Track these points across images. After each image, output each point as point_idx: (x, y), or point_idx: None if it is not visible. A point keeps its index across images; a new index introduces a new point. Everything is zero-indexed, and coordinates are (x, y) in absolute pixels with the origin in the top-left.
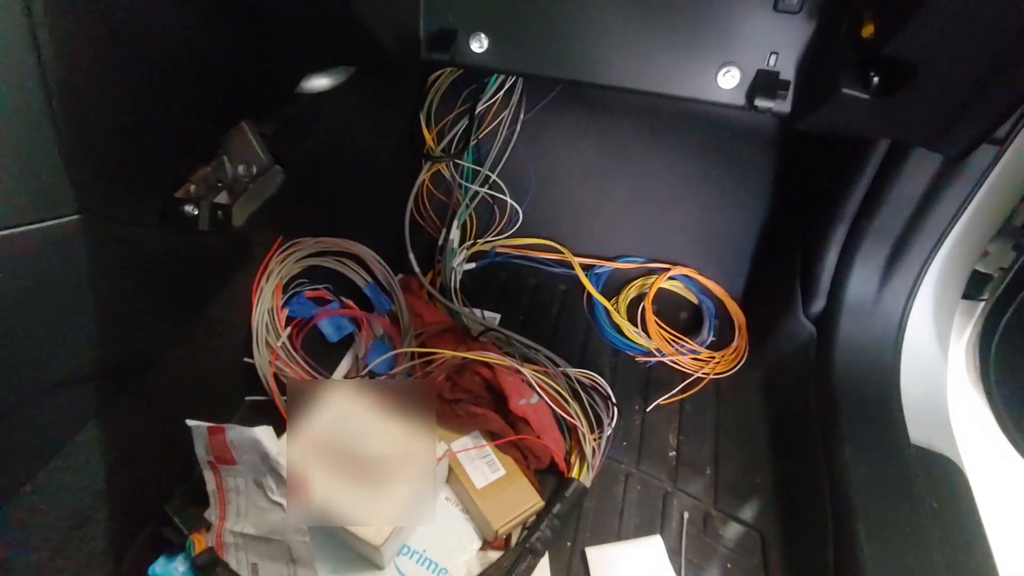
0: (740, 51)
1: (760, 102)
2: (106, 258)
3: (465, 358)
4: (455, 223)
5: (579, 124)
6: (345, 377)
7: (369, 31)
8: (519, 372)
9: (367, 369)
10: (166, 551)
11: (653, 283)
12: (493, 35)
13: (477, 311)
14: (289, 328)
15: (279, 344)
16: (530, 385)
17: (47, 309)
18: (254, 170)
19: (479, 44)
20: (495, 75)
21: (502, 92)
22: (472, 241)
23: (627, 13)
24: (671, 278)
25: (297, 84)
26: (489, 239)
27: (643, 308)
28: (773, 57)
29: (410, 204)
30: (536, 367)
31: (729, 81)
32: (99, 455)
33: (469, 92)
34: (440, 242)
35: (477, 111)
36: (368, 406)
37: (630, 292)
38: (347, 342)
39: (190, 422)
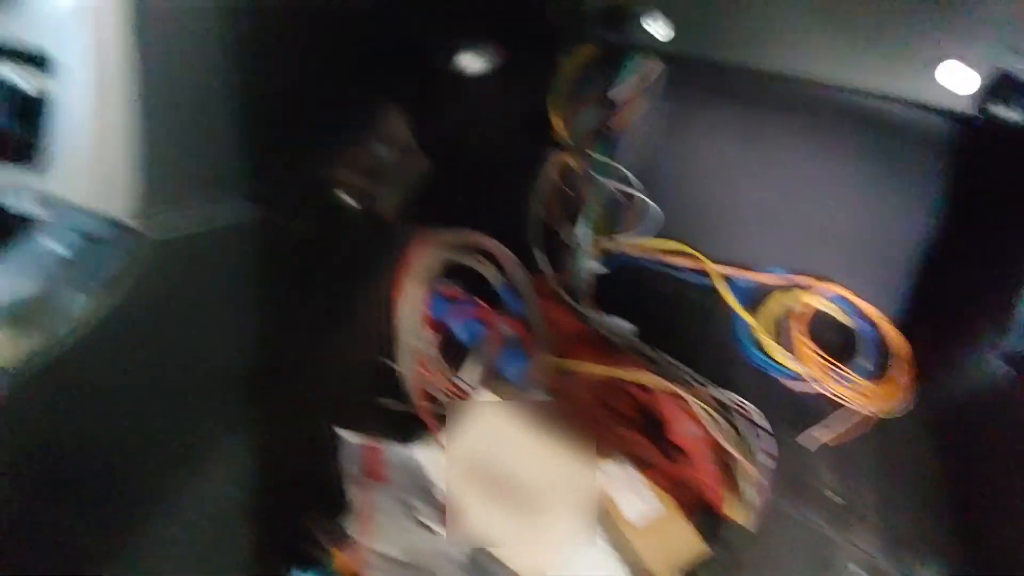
0: (970, 44)
1: (1002, 110)
2: (268, 255)
3: (615, 376)
4: (583, 220)
5: (724, 117)
6: (474, 381)
7: (529, 5)
8: (679, 397)
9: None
10: (302, 563)
11: (803, 300)
12: (676, 15)
13: (608, 318)
14: (434, 333)
15: (427, 351)
16: (689, 412)
17: (214, 308)
18: (399, 154)
19: (658, 24)
20: (635, 59)
21: (641, 78)
22: (600, 240)
23: None
24: (822, 295)
25: (450, 59)
26: (618, 239)
27: (792, 328)
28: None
29: (538, 198)
30: (692, 390)
31: (953, 80)
32: (242, 463)
33: (604, 77)
34: (565, 240)
35: (612, 98)
36: (524, 427)
37: (774, 308)
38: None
39: (342, 433)
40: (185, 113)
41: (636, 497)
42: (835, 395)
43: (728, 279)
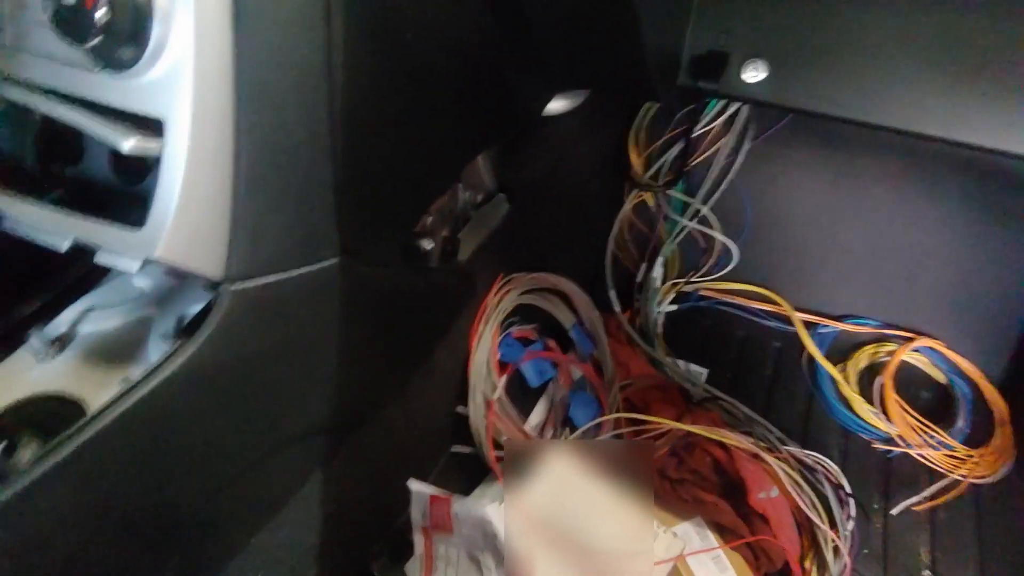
0: None
1: None
2: (352, 303)
3: (691, 432)
4: (658, 259)
5: (811, 158)
6: (541, 425)
7: (632, 51)
8: (758, 458)
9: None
10: None
11: (893, 353)
12: (775, 63)
13: (681, 363)
14: (504, 377)
15: (496, 397)
16: (771, 476)
17: (294, 358)
18: (479, 197)
19: (755, 73)
20: (716, 98)
21: (723, 117)
22: (675, 281)
23: (954, 41)
24: (914, 350)
25: (544, 107)
26: (694, 280)
27: (882, 384)
28: None
29: (613, 236)
30: (773, 451)
31: None
32: (314, 511)
33: (685, 114)
34: (639, 279)
35: (693, 135)
36: (592, 478)
37: (860, 360)
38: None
39: (412, 484)
40: (282, 175)
41: (713, 564)
42: (927, 459)
43: (810, 327)
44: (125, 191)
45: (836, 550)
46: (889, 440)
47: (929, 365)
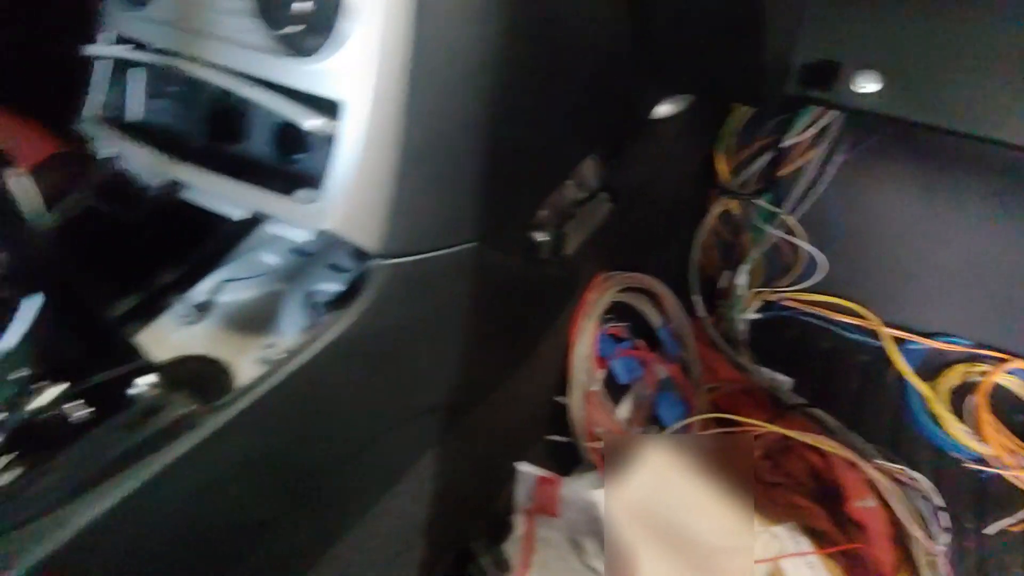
0: None
1: None
2: (480, 287)
3: (786, 436)
4: (744, 267)
5: (905, 172)
6: (627, 422)
7: (753, 57)
8: (855, 467)
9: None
10: None
11: (986, 374)
12: (890, 74)
13: (766, 371)
14: (602, 371)
15: (596, 389)
16: (870, 484)
17: (430, 336)
18: (582, 195)
19: (868, 84)
20: (808, 108)
21: (814, 128)
22: (758, 289)
23: None
24: (1009, 372)
25: (653, 110)
26: (779, 290)
27: (975, 403)
28: None
29: (701, 241)
30: (871, 462)
31: None
32: (426, 486)
33: (775, 124)
34: (721, 285)
35: (783, 146)
36: (683, 465)
37: (951, 379)
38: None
39: (521, 466)
40: (439, 159)
41: (808, 570)
42: (1023, 481)
43: (899, 343)
44: (282, 170)
45: (932, 565)
46: (981, 460)
47: (1021, 386)
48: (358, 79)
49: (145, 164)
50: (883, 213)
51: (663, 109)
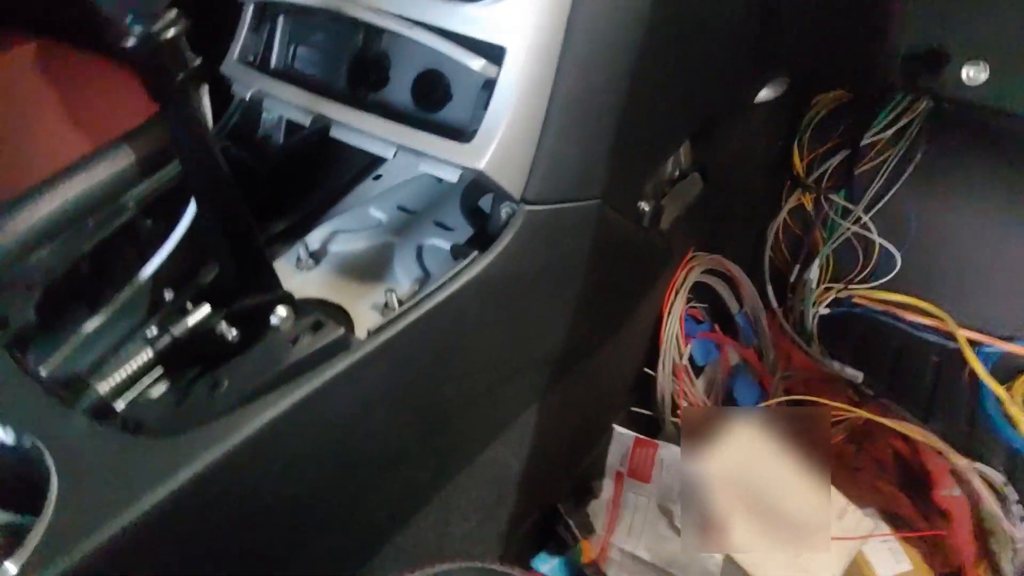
0: None
1: None
2: (597, 243)
3: (871, 420)
4: (816, 261)
5: (985, 172)
6: (702, 402)
7: (856, 42)
8: (941, 455)
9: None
10: (548, 546)
11: None
12: (999, 65)
13: (836, 364)
14: (690, 347)
15: (683, 363)
16: (957, 474)
17: (552, 287)
18: (676, 173)
19: (976, 74)
20: (894, 104)
21: (895, 127)
22: (828, 285)
23: None
24: None
25: (758, 91)
26: (850, 286)
27: None
28: None
29: (773, 232)
30: (959, 454)
31: None
32: (526, 440)
33: (854, 121)
34: (792, 279)
35: (862, 143)
36: (762, 439)
37: None
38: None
39: (617, 428)
40: (580, 114)
41: (890, 554)
42: None
43: (974, 345)
44: (421, 118)
45: (1017, 553)
46: None
47: None
48: (521, 26)
49: (295, 103)
50: (959, 213)
51: (763, 93)
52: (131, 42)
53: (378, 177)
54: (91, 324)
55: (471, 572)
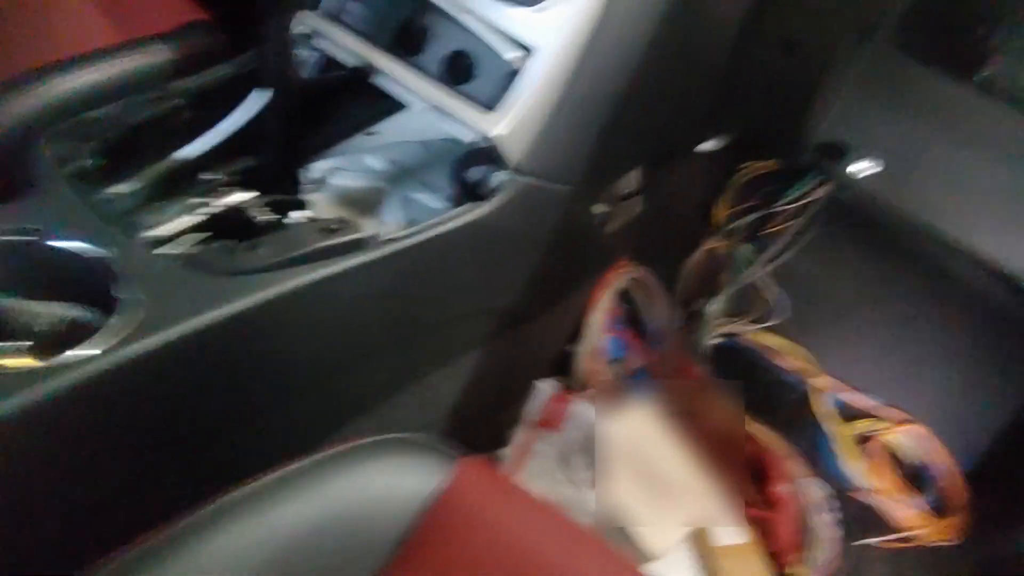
0: None
1: None
2: (560, 224)
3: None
4: (719, 297)
5: (861, 257)
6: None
7: (786, 120)
8: (785, 459)
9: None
10: None
11: (886, 428)
12: (887, 164)
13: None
14: (609, 336)
15: (601, 347)
16: (791, 473)
17: (515, 250)
18: (626, 191)
19: (867, 168)
20: (806, 181)
21: (801, 202)
22: (725, 319)
23: None
24: (906, 430)
25: (704, 140)
26: (741, 324)
27: (875, 448)
28: None
29: (689, 265)
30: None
31: None
32: (466, 376)
33: (772, 189)
34: (696, 308)
35: (772, 209)
36: (671, 410)
37: (860, 427)
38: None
39: (540, 383)
40: (582, 109)
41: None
42: (894, 515)
43: (828, 390)
44: (446, 87)
45: (820, 551)
46: (869, 492)
47: (913, 444)
48: (551, 34)
49: (347, 46)
50: (838, 281)
51: (707, 144)
52: None
53: (371, 134)
54: (139, 182)
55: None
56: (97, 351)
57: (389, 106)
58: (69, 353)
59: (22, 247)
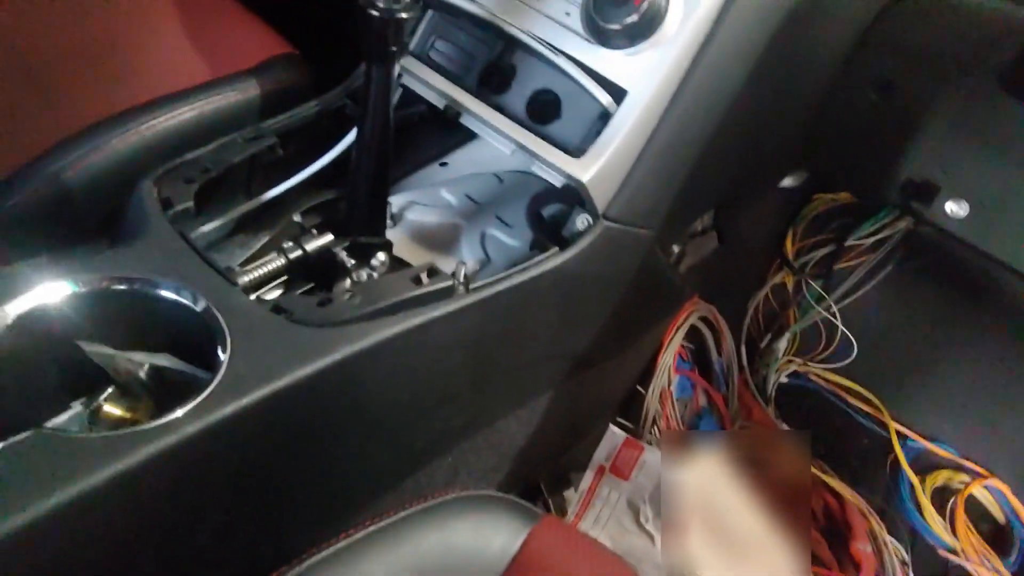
0: None
1: None
2: (640, 267)
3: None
4: (786, 335)
5: (940, 296)
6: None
7: (870, 161)
8: (865, 517)
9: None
10: None
11: (966, 483)
12: (979, 207)
13: (785, 426)
14: (678, 377)
15: (670, 390)
16: (872, 533)
17: (597, 295)
18: (699, 227)
19: (958, 210)
20: (881, 216)
21: (876, 237)
22: (791, 358)
23: None
24: (984, 486)
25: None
26: (809, 363)
27: (954, 504)
28: None
29: (755, 301)
30: (874, 518)
31: None
32: (534, 419)
33: (845, 223)
34: (763, 344)
35: (846, 243)
36: (738, 460)
37: (937, 479)
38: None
39: (613, 428)
40: (667, 156)
41: None
42: None
43: (901, 437)
44: (531, 127)
45: None
46: (951, 551)
47: (992, 502)
48: (644, 78)
49: (434, 85)
50: (914, 324)
51: (785, 181)
52: (375, 12)
53: (444, 164)
54: (229, 220)
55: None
56: (195, 409)
57: (461, 136)
58: (175, 415)
59: (129, 296)
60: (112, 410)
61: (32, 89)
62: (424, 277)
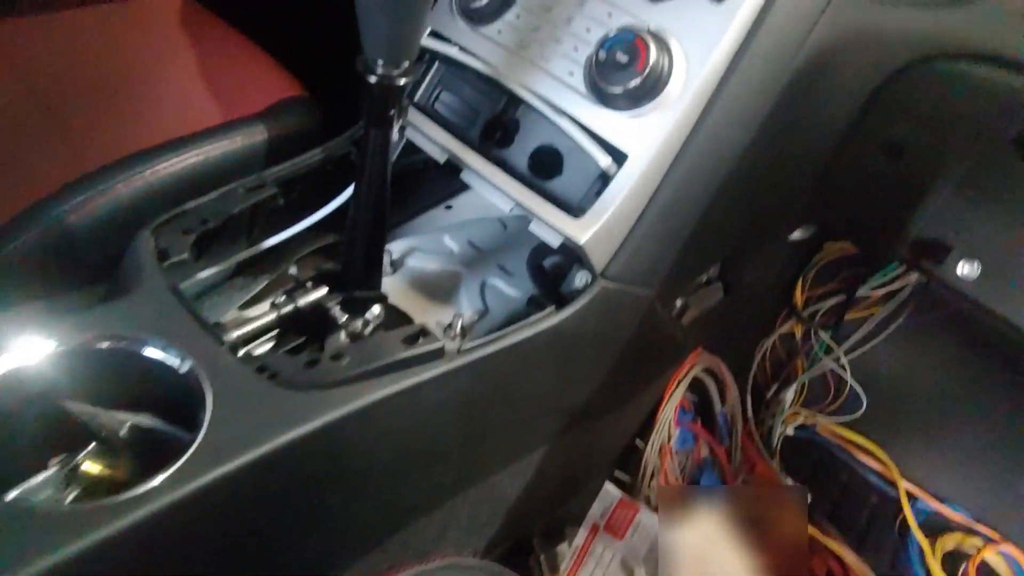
0: None
1: None
2: (639, 325)
3: (812, 536)
4: (793, 386)
5: (952, 352)
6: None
7: (882, 217)
8: None
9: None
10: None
11: (979, 548)
12: (990, 267)
13: (790, 480)
14: (679, 430)
15: (670, 445)
16: None
17: (594, 353)
18: (704, 278)
19: (970, 270)
20: (893, 268)
21: (886, 289)
22: (797, 410)
23: None
24: (998, 551)
25: (792, 231)
26: (817, 416)
27: (965, 569)
28: None
29: (762, 351)
30: None
31: None
32: (527, 474)
33: (855, 274)
34: (769, 395)
35: (857, 294)
36: (736, 518)
37: (948, 543)
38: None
39: (608, 485)
40: (667, 218)
41: None
42: None
43: (911, 497)
44: (532, 182)
45: None
46: None
47: (1007, 568)
48: (646, 141)
49: (435, 139)
50: (924, 380)
51: (795, 234)
52: (373, 79)
53: (449, 207)
54: (224, 268)
55: (479, 570)
56: (172, 477)
57: (464, 181)
58: (151, 484)
59: (113, 354)
60: (91, 468)
61: (50, 124)
62: (417, 336)
